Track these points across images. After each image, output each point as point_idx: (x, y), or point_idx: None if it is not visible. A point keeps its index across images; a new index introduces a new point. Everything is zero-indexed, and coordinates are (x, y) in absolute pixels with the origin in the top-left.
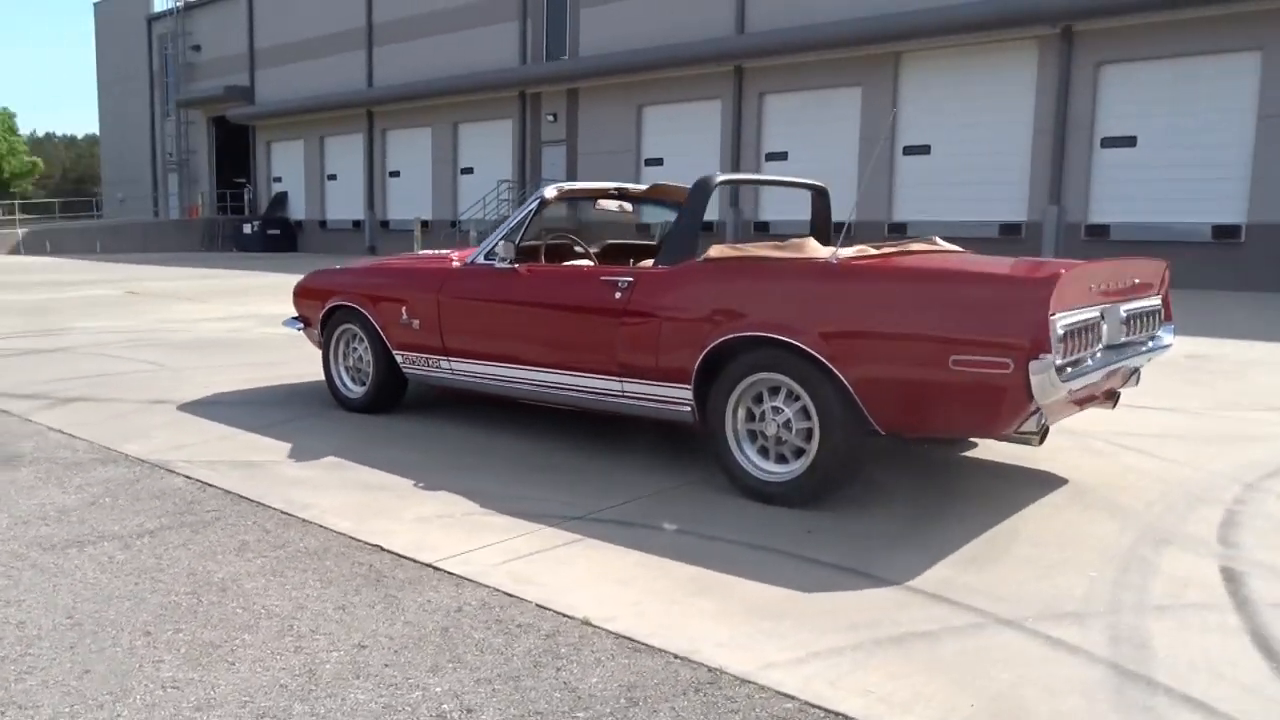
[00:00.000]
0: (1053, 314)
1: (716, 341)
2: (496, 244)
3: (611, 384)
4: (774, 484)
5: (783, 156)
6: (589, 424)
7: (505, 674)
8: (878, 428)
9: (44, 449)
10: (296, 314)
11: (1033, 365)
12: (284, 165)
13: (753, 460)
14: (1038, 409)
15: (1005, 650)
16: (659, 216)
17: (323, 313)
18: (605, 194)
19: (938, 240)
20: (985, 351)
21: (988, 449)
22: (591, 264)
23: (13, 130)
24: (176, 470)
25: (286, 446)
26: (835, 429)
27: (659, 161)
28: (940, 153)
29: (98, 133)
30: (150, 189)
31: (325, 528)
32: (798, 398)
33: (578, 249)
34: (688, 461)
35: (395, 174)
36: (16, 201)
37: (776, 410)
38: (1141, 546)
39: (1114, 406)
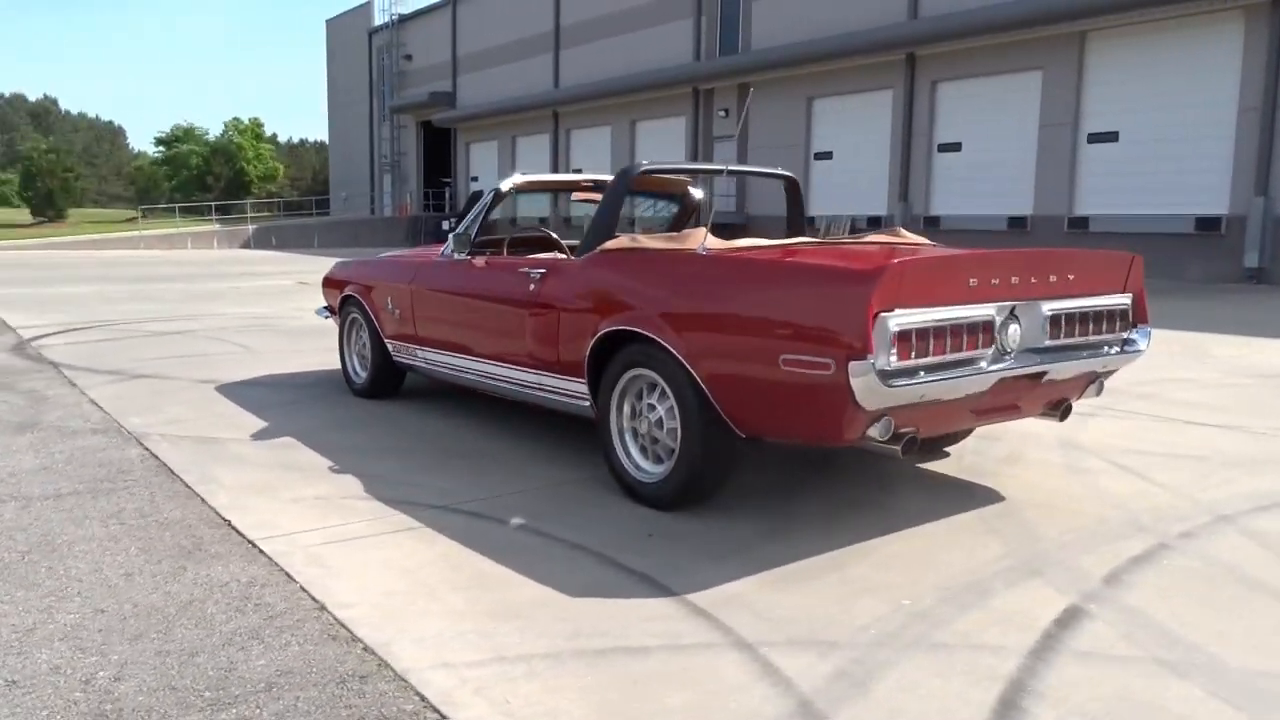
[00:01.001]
0: (881, 312)
1: (599, 335)
2: (450, 236)
3: (529, 375)
4: (646, 483)
5: (956, 148)
6: (550, 415)
7: (190, 650)
8: (736, 429)
9: (64, 419)
10: (326, 304)
11: (852, 367)
12: (481, 165)
13: (634, 458)
14: (881, 415)
15: (707, 674)
16: (665, 209)
17: (338, 302)
18: (577, 186)
19: (901, 231)
20: (808, 351)
21: (955, 464)
22: (563, 256)
23: (260, 137)
24: (144, 442)
25: (262, 425)
26: (695, 429)
27: (828, 155)
28: (1129, 140)
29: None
30: (368, 189)
31: (204, 501)
32: (668, 395)
33: (553, 241)
34: None
35: (577, 171)
36: (249, 201)
37: (651, 408)
38: (999, 578)
39: (1062, 418)
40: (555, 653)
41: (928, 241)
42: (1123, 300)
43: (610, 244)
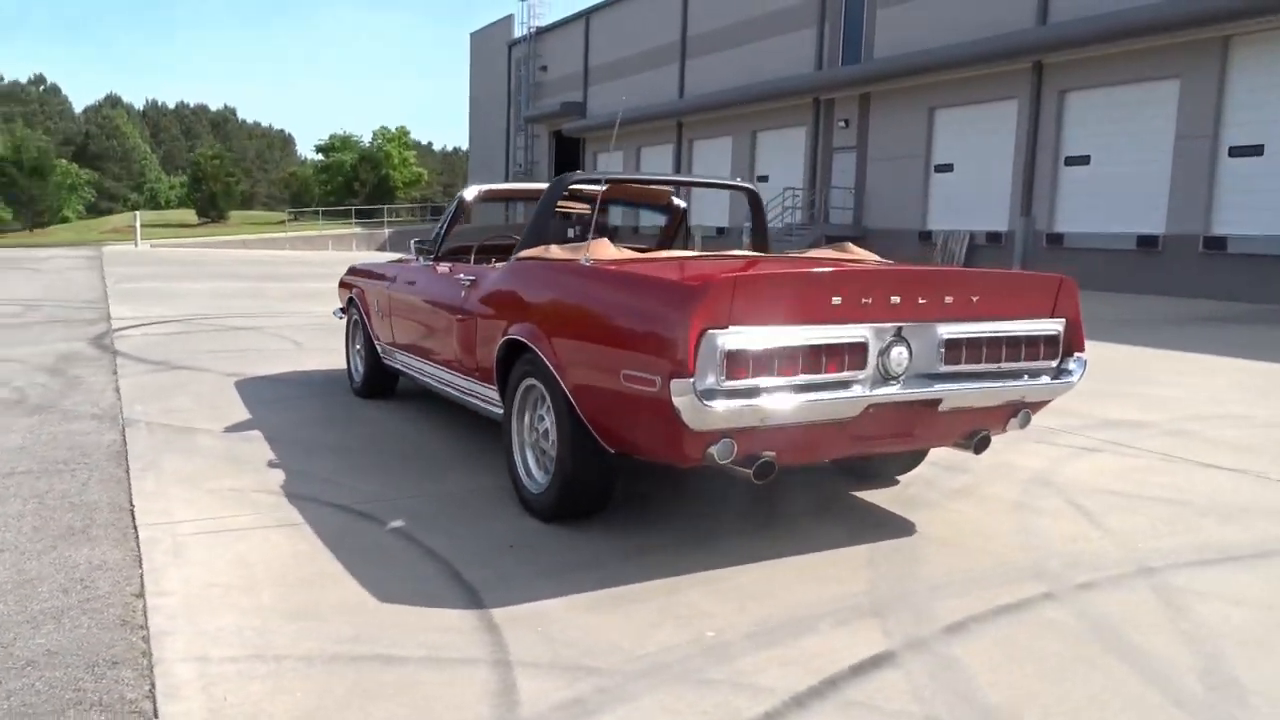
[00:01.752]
0: (710, 329)
1: (500, 343)
2: (412, 243)
3: (461, 380)
4: (533, 494)
5: (1084, 160)
6: None
7: None
8: (604, 444)
9: (79, 403)
10: (341, 305)
11: (674, 385)
12: None
13: (530, 468)
14: (721, 437)
15: (439, 690)
16: (654, 219)
17: (346, 303)
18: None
19: (849, 246)
20: (640, 367)
21: (896, 492)
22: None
23: (407, 144)
24: (127, 429)
25: (245, 418)
26: (567, 441)
27: (949, 167)
28: (1276, 153)
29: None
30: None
31: (129, 487)
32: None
33: None
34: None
35: None
36: (387, 206)
37: (541, 418)
38: (834, 616)
39: (977, 451)
40: (313, 655)
41: (874, 258)
42: (1050, 326)
43: (525, 253)
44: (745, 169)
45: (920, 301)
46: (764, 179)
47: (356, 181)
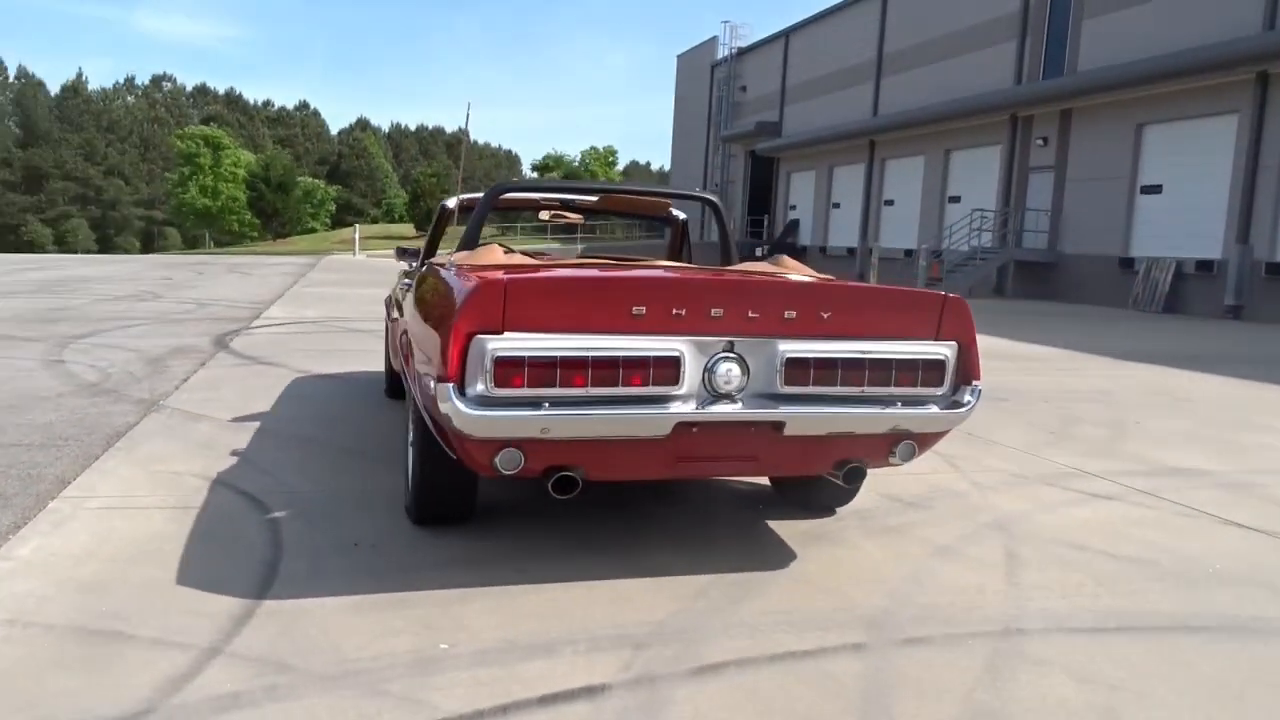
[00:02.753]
0: (479, 333)
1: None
2: (395, 249)
3: (407, 383)
4: (408, 495)
5: None
6: None
7: None
8: (447, 449)
9: (140, 390)
10: None
11: (438, 390)
12: (799, 194)
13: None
14: (507, 446)
15: (127, 668)
16: (659, 231)
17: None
18: (546, 205)
19: (785, 260)
20: (426, 371)
21: (818, 524)
22: None
23: (611, 164)
24: (152, 413)
25: (262, 410)
26: (418, 443)
27: (1157, 189)
28: None
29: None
30: (699, 214)
31: (91, 464)
32: None
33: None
34: None
35: (889, 202)
36: (582, 222)
37: None
38: (593, 643)
39: (848, 482)
40: (59, 625)
41: (810, 274)
42: (934, 350)
43: (436, 258)
44: (937, 189)
45: (750, 315)
46: (955, 200)
47: None
